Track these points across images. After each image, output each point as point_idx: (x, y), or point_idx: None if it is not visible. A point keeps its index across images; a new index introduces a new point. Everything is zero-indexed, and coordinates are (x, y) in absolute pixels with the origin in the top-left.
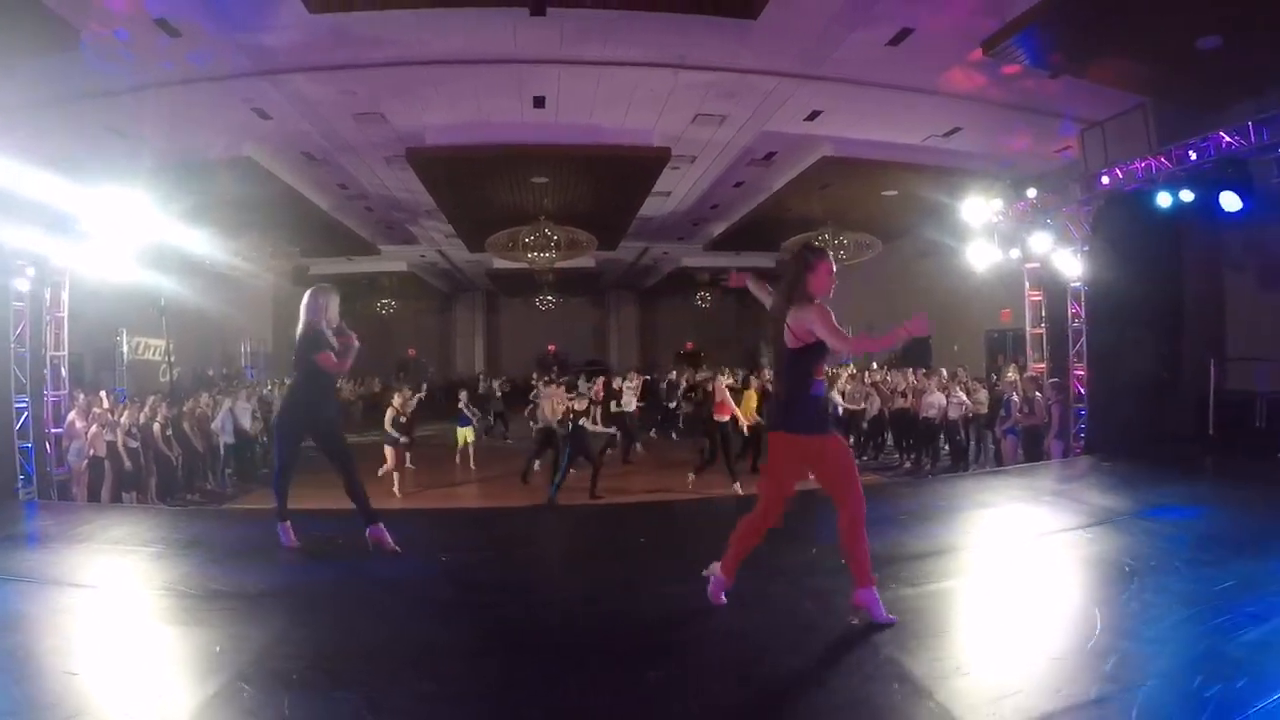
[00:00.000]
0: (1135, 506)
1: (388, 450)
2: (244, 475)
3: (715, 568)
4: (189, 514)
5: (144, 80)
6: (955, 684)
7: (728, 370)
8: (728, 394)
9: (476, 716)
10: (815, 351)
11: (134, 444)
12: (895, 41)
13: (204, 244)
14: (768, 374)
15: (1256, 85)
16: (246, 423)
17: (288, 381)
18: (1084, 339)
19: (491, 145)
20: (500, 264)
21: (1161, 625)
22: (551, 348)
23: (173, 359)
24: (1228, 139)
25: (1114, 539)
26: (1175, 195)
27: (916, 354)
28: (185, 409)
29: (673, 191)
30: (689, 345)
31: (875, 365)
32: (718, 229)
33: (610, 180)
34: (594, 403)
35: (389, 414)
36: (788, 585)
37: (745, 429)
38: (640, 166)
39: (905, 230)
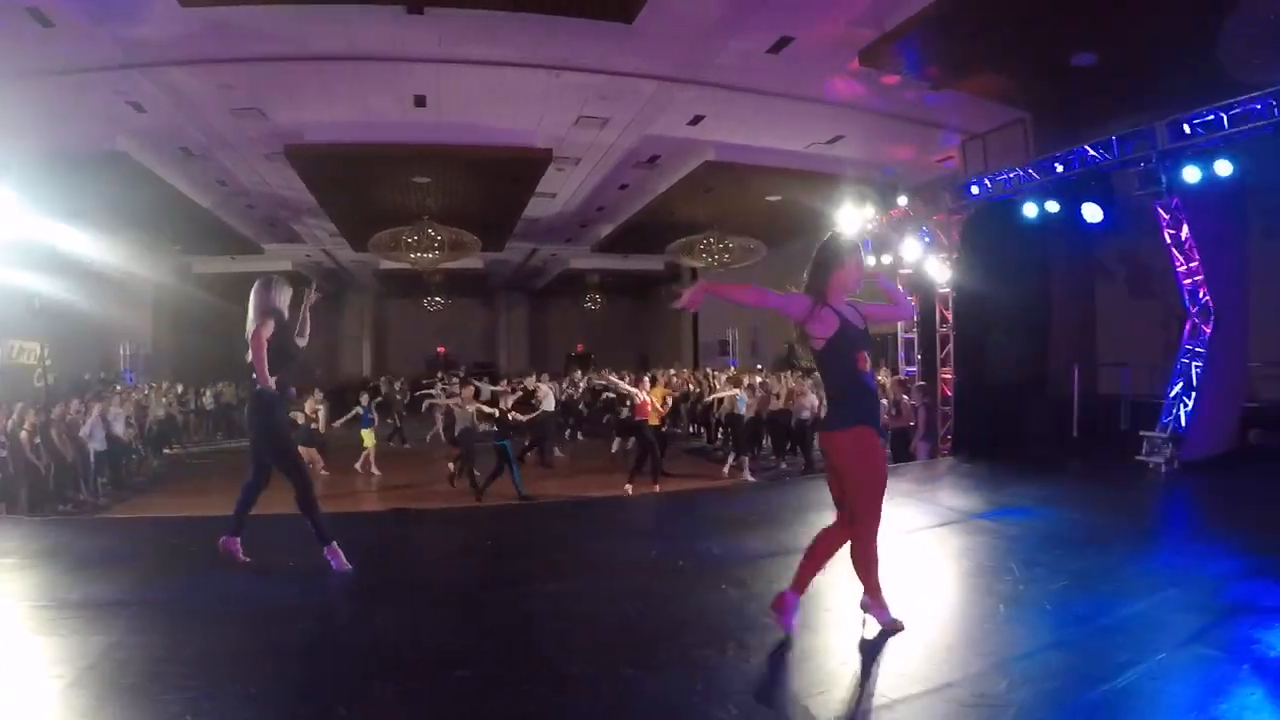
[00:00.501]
0: (985, 507)
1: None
2: (118, 484)
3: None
4: (51, 524)
5: (11, 69)
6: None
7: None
8: (650, 396)
9: (289, 715)
10: (842, 345)
11: (1, 453)
12: (775, 49)
13: (79, 242)
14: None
15: (1135, 101)
16: (120, 429)
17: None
18: (951, 344)
19: (372, 144)
20: (388, 264)
21: (985, 626)
22: (441, 349)
23: (48, 363)
24: (1092, 152)
25: (958, 539)
26: (1041, 206)
27: (803, 357)
28: (54, 416)
29: (558, 193)
30: (580, 347)
31: (759, 367)
32: (605, 231)
33: (494, 181)
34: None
35: (299, 421)
36: (620, 584)
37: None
38: (523, 167)
39: (790, 235)
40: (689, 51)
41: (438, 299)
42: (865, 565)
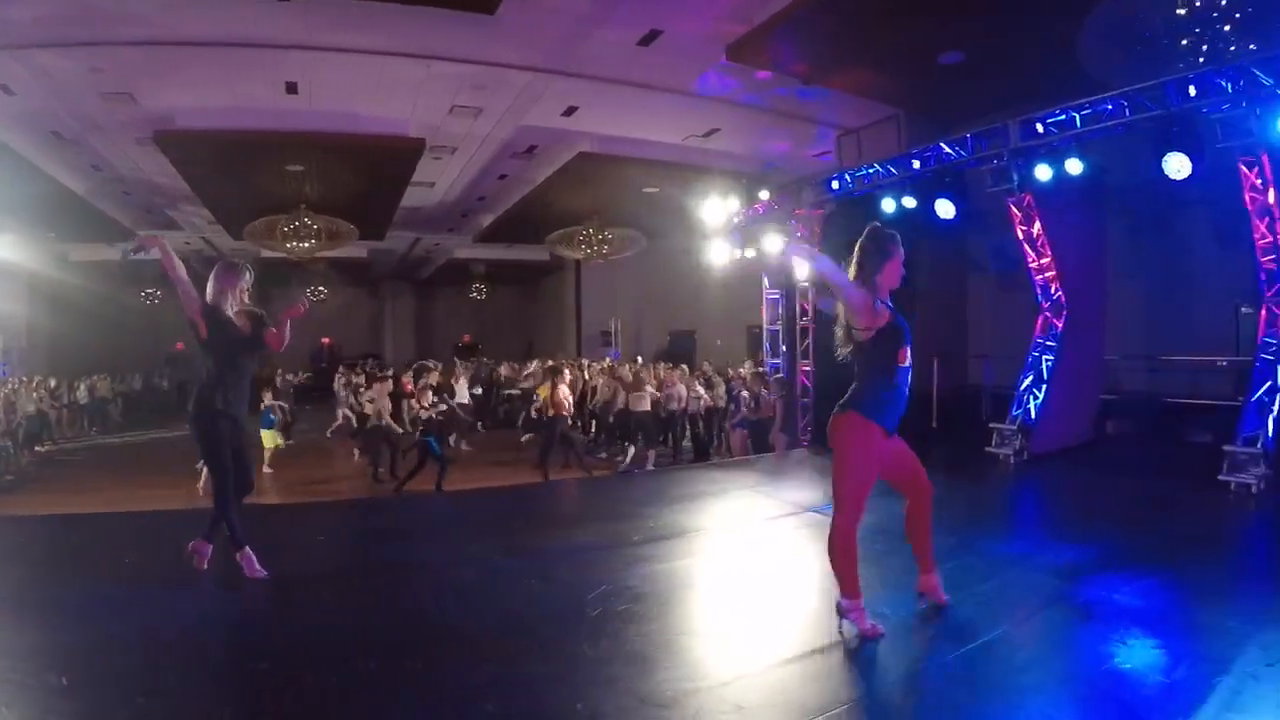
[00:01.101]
0: (825, 500)
1: None
2: None
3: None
4: None
5: None
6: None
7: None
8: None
9: (94, 703)
10: (889, 339)
11: None
12: (645, 42)
13: None
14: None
15: (1004, 99)
16: None
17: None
18: (811, 337)
19: (244, 130)
20: (269, 253)
21: (793, 618)
22: (326, 340)
23: None
24: (947, 149)
25: (805, 530)
26: (899, 202)
27: (682, 348)
28: None
29: (437, 182)
30: (466, 338)
31: (640, 360)
32: (486, 220)
33: (369, 169)
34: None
35: None
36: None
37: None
38: (397, 156)
39: (670, 226)
40: (557, 43)
41: (321, 289)
42: (839, 554)
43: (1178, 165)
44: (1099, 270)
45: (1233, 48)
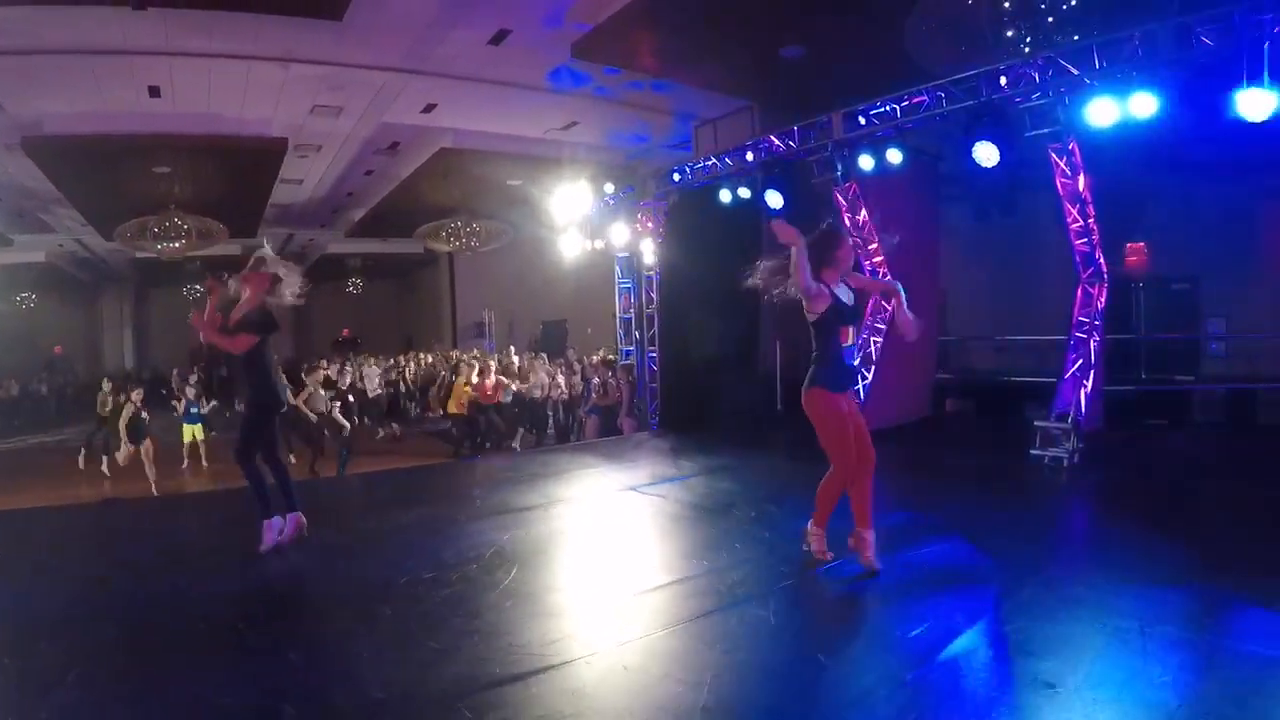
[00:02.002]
0: (657, 477)
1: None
2: None
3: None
4: None
5: None
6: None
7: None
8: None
9: None
10: (831, 320)
11: None
12: (496, 41)
13: None
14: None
15: (850, 90)
16: None
17: None
18: (656, 324)
19: (110, 134)
20: (143, 254)
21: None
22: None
23: None
24: (777, 141)
25: (631, 505)
26: (734, 192)
27: (554, 337)
28: None
29: (305, 180)
30: (345, 332)
31: (512, 350)
32: (357, 215)
33: (235, 169)
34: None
35: (127, 414)
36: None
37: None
38: (261, 156)
39: (537, 218)
40: (410, 44)
41: (197, 287)
42: (830, 493)
43: (986, 154)
44: (931, 254)
45: (1058, 38)
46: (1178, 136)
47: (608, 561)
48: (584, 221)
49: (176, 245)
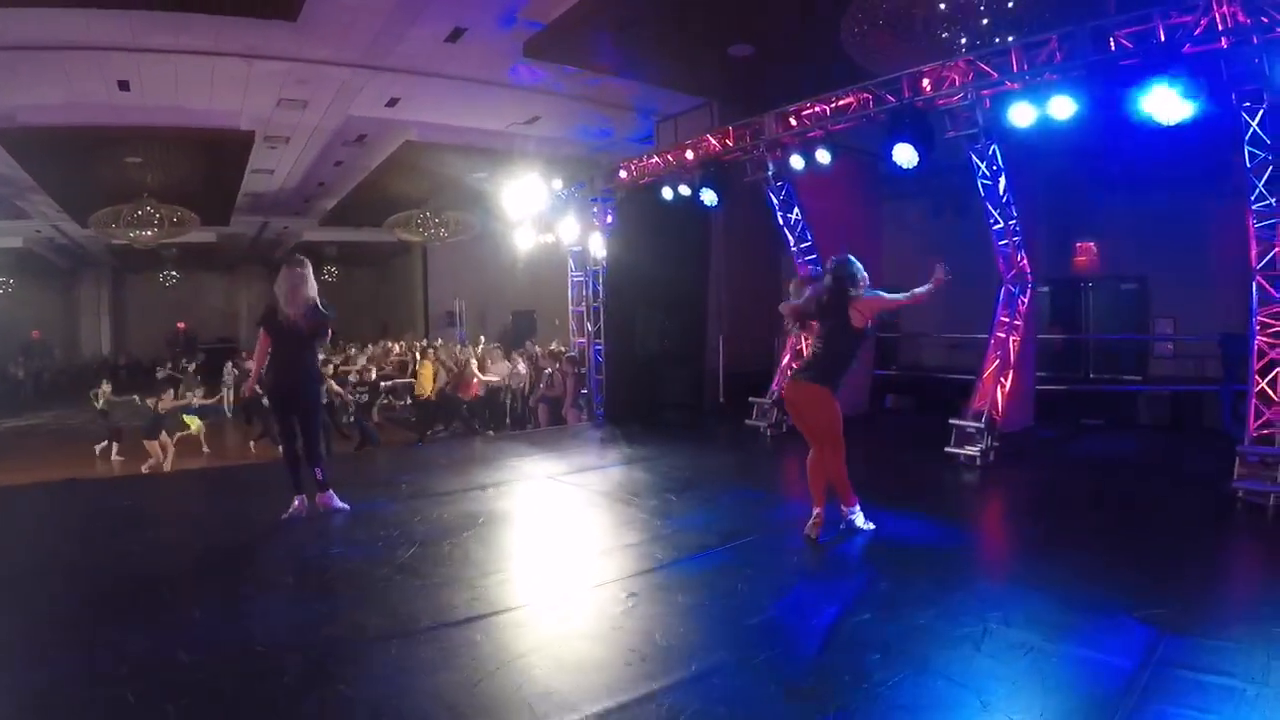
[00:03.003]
0: (565, 470)
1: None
2: None
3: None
4: None
5: None
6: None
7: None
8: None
9: None
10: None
11: None
12: (452, 39)
13: None
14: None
15: (802, 87)
16: None
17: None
18: (601, 318)
19: (82, 126)
20: (118, 241)
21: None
22: (181, 325)
23: None
24: (712, 141)
25: (529, 495)
26: (675, 190)
27: (523, 327)
28: None
29: (275, 170)
30: None
31: (482, 339)
32: (329, 204)
33: (204, 159)
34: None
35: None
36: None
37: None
38: (229, 147)
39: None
40: (368, 41)
41: (174, 274)
42: (833, 476)
43: (905, 156)
44: (872, 252)
45: (996, 39)
46: (1125, 137)
47: (509, 541)
48: (538, 215)
49: (149, 233)
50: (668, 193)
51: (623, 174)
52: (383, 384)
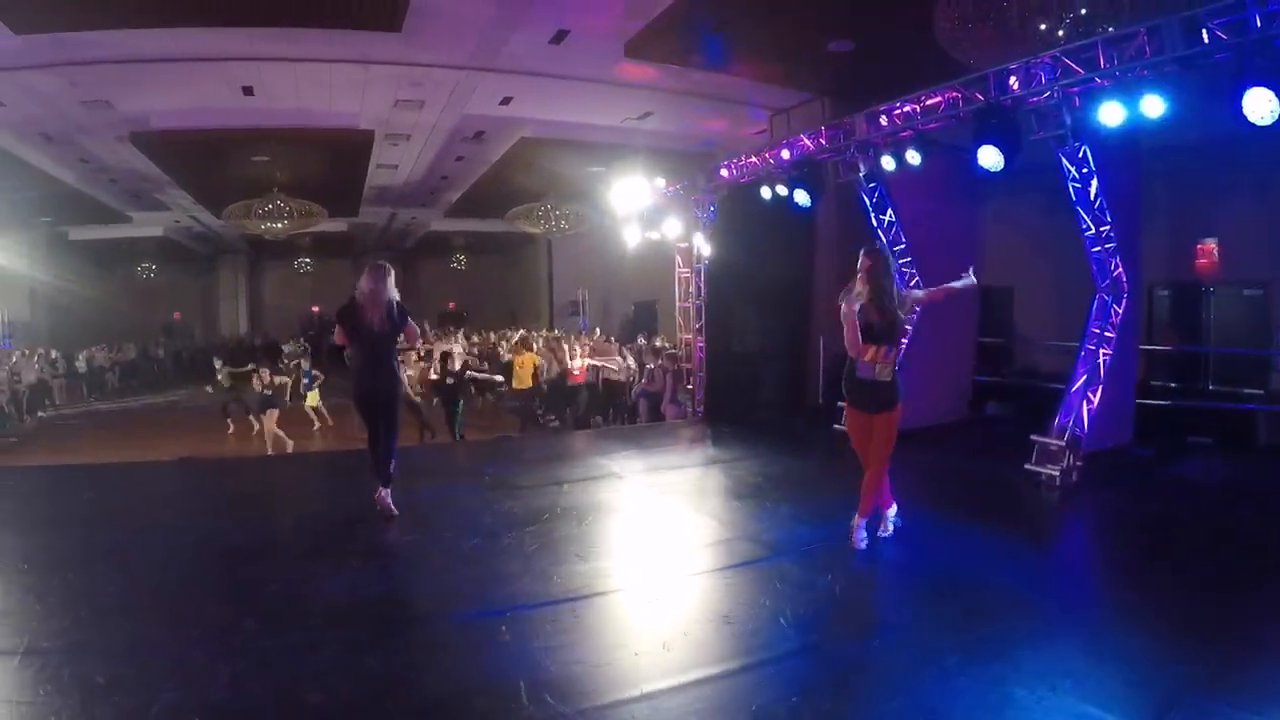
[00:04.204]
0: (651, 466)
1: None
2: None
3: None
4: None
5: None
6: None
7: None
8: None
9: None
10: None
11: None
12: (557, 41)
13: None
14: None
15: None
16: None
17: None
18: (703, 315)
19: (210, 129)
20: (250, 232)
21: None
22: (315, 309)
23: None
24: (806, 141)
25: (640, 485)
26: (774, 190)
27: (645, 318)
28: None
29: (399, 165)
30: (451, 305)
31: (598, 331)
32: (453, 197)
33: (329, 156)
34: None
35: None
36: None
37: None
38: (349, 144)
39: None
40: (474, 46)
41: (307, 261)
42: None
43: (990, 158)
44: (966, 254)
45: (1098, 30)
46: (1250, 128)
47: (566, 537)
48: (644, 212)
49: (279, 225)
50: (766, 192)
51: (724, 172)
52: (468, 374)
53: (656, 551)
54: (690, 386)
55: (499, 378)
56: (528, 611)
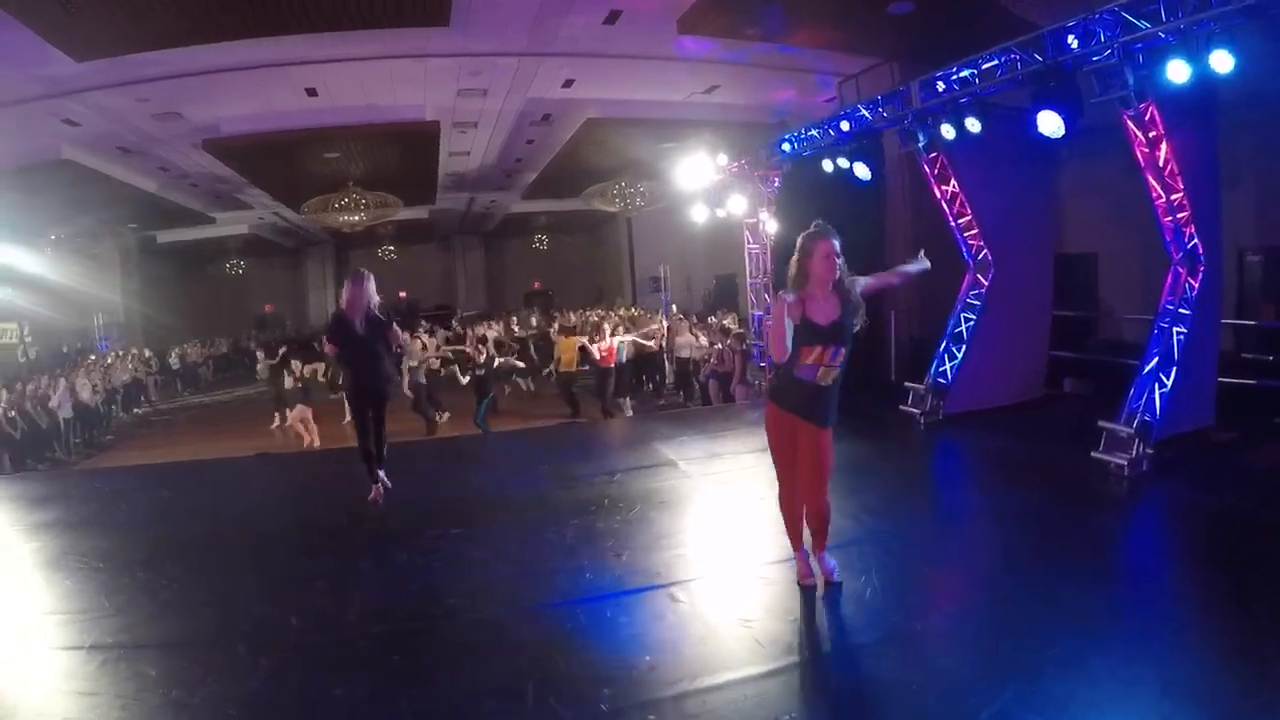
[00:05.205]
0: (708, 453)
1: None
2: (89, 443)
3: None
4: (28, 478)
5: None
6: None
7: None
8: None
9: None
10: (798, 337)
11: None
12: (610, 21)
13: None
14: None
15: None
16: (86, 396)
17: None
18: (769, 292)
19: (279, 131)
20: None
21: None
22: (403, 294)
23: (29, 339)
24: (864, 112)
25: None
26: (835, 162)
27: (727, 292)
28: (28, 390)
29: (471, 151)
30: (536, 285)
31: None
32: (528, 179)
33: (398, 148)
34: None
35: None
36: None
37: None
38: (418, 136)
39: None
40: (527, 32)
41: (391, 249)
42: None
43: (1050, 124)
44: (1038, 225)
45: None
46: None
47: (606, 532)
48: (710, 188)
49: (356, 218)
50: (828, 165)
51: (785, 146)
52: (497, 361)
53: (703, 546)
54: (764, 365)
55: (520, 363)
56: (554, 609)
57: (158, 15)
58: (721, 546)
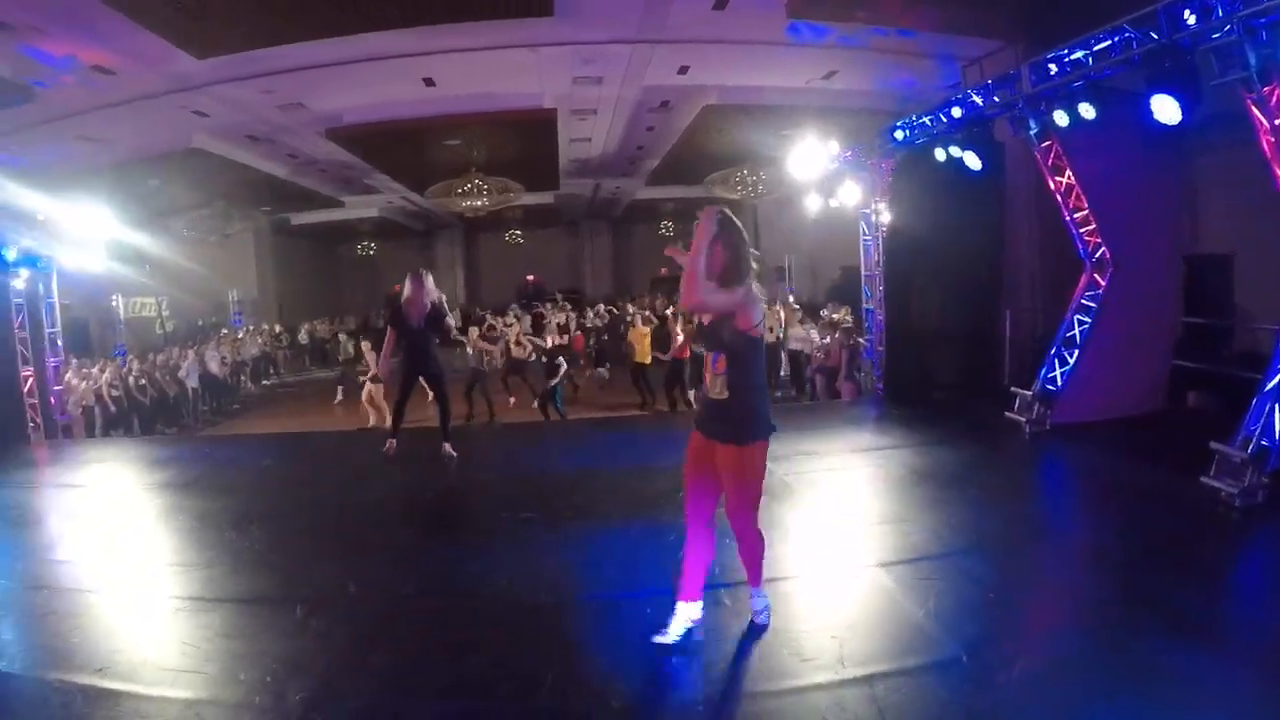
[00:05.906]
0: (789, 451)
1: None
2: (215, 411)
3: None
4: (153, 441)
5: (94, 105)
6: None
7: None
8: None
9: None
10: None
11: (116, 393)
12: (719, 6)
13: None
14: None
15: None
16: (215, 367)
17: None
18: (881, 286)
19: (399, 119)
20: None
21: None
22: (530, 278)
23: (166, 313)
24: (975, 98)
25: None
26: (947, 151)
27: (853, 283)
28: (160, 360)
29: (591, 138)
30: (663, 271)
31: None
32: (652, 164)
33: (518, 135)
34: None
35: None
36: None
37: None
38: (535, 124)
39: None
40: (636, 20)
41: (518, 232)
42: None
43: (1167, 110)
44: (1164, 221)
45: None
46: None
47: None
48: (823, 178)
49: (479, 203)
50: (940, 154)
51: (898, 134)
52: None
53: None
54: (869, 362)
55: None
56: (598, 601)
57: (273, 15)
58: (785, 551)
